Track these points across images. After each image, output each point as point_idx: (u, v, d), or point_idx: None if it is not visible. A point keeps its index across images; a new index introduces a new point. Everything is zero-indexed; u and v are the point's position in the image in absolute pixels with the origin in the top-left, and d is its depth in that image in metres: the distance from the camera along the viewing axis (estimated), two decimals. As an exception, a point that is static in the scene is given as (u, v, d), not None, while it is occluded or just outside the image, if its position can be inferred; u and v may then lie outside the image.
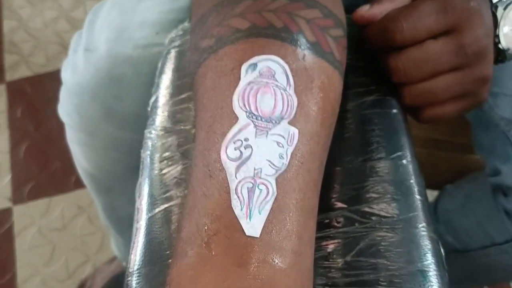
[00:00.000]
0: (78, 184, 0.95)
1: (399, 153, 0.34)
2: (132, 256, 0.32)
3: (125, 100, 0.46)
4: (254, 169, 0.27)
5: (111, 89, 0.46)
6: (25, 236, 0.96)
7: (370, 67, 0.39)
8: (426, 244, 0.30)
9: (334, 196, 0.33)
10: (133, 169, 0.39)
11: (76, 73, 0.47)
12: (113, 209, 0.61)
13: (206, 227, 0.25)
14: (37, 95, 1.08)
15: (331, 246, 0.31)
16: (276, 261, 0.25)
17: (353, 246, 0.30)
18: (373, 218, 0.31)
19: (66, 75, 0.49)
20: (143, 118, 0.40)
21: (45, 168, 1.02)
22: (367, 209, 0.32)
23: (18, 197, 0.99)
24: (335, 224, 0.32)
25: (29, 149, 1.04)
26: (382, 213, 0.31)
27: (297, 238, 0.26)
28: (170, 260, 0.30)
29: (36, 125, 1.06)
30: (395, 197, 0.32)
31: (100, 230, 0.94)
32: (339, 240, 0.31)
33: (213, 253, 0.25)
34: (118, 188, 0.55)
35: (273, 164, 0.27)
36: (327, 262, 0.30)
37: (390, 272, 0.29)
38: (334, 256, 0.30)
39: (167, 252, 0.31)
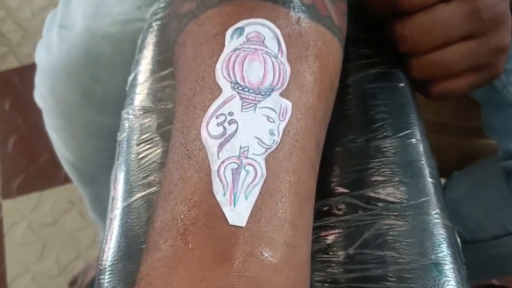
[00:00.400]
0: (69, 178, 0.91)
1: (407, 131, 0.31)
2: (105, 251, 0.28)
3: (104, 81, 0.42)
4: (240, 148, 0.23)
5: (89, 69, 0.42)
6: (15, 232, 0.94)
7: (373, 37, 0.36)
8: (441, 233, 0.26)
9: (334, 180, 0.29)
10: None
11: (50, 52, 0.43)
12: (100, 201, 0.57)
13: (182, 216, 0.22)
14: (25, 86, 1.05)
15: (331, 237, 0.27)
16: (266, 254, 0.21)
17: (356, 236, 0.27)
18: (379, 204, 0.28)
19: (40, 56, 0.45)
20: (124, 101, 0.37)
21: (35, 161, 0.99)
22: (371, 194, 0.28)
23: (7, 191, 0.96)
24: (336, 211, 0.28)
25: (17, 143, 1.01)
26: (390, 198, 0.28)
27: (290, 227, 0.22)
28: (146, 255, 0.26)
29: (24, 118, 1.03)
30: (404, 180, 0.28)
31: (92, 225, 0.91)
32: (340, 230, 0.27)
33: (190, 246, 0.21)
34: (103, 178, 0.51)
35: (262, 142, 0.24)
36: (326, 256, 0.26)
37: (400, 266, 0.26)
38: (335, 248, 0.26)
39: (144, 246, 0.27)
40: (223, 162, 0.23)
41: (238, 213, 0.22)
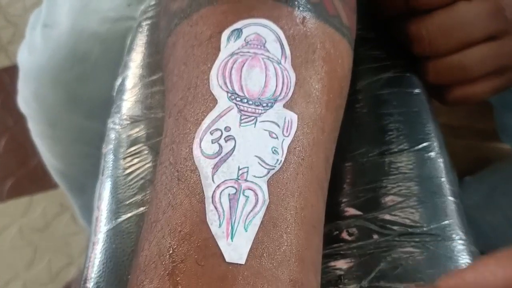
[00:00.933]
0: (61, 181, 0.89)
1: (425, 144, 0.28)
2: (87, 280, 0.25)
3: (91, 84, 0.39)
4: (238, 169, 0.21)
5: (74, 70, 0.39)
6: (5, 237, 0.91)
7: (384, 38, 0.33)
8: (466, 261, 0.23)
9: (344, 200, 0.26)
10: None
11: (33, 53, 0.40)
12: (89, 210, 0.54)
13: (170, 251, 0.19)
14: (16, 86, 1.01)
15: (342, 266, 0.24)
16: (268, 296, 0.18)
17: (371, 266, 0.24)
18: (396, 228, 0.25)
19: (22, 57, 0.42)
20: (112, 105, 0.34)
21: (26, 164, 0.96)
22: (387, 217, 0.25)
23: (-3, 195, 0.93)
24: (347, 237, 0.25)
25: (8, 144, 0.98)
26: (407, 222, 0.25)
27: (297, 262, 0.20)
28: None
29: (15, 118, 1.00)
30: (423, 199, 0.25)
31: (85, 230, 0.88)
32: (353, 259, 0.24)
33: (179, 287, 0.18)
34: (92, 185, 0.48)
35: (264, 162, 0.21)
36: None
37: (420, 300, 0.22)
38: (346, 280, 0.23)
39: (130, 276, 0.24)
40: (218, 186, 0.20)
41: (236, 248, 0.19)
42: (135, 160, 0.29)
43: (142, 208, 0.27)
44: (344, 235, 0.25)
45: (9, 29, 1.14)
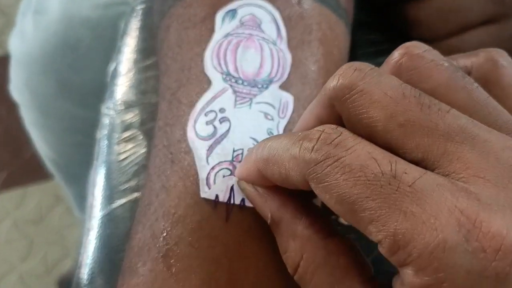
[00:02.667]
0: (55, 172, 0.88)
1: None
2: (81, 266, 0.25)
3: (83, 71, 0.38)
4: (233, 151, 0.20)
5: (66, 58, 0.38)
6: (0, 229, 0.90)
7: (382, 21, 0.32)
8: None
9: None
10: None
11: (24, 41, 0.40)
12: (85, 199, 0.54)
13: (164, 233, 0.18)
14: (9, 77, 1.00)
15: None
16: (265, 278, 0.18)
17: (366, 251, 0.23)
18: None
19: (13, 45, 0.41)
20: (105, 93, 0.33)
21: (19, 155, 0.95)
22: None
23: (-10, 187, 0.93)
24: (344, 221, 0.24)
25: (1, 136, 0.97)
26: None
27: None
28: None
29: (9, 109, 0.98)
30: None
31: (80, 222, 0.87)
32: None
33: (173, 270, 0.18)
34: (86, 175, 0.48)
35: None
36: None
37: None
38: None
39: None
40: (213, 168, 0.20)
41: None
42: (129, 146, 0.28)
43: (136, 194, 0.27)
44: (341, 218, 0.24)
45: (1, 19, 1.12)
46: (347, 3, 0.27)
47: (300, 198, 0.18)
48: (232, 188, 0.19)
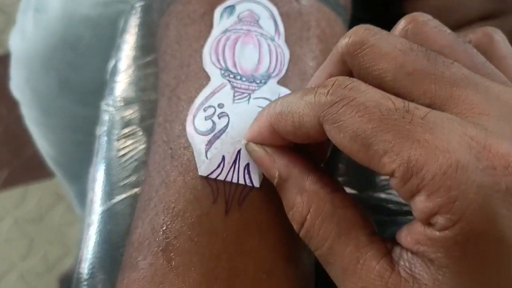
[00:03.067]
0: (56, 171, 0.88)
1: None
2: (82, 261, 0.25)
3: (83, 69, 0.38)
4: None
5: (66, 56, 0.38)
6: (0, 228, 0.91)
7: (380, 19, 0.32)
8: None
9: (339, 179, 0.26)
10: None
11: (24, 39, 0.40)
12: (85, 197, 0.54)
13: (164, 227, 0.18)
14: (9, 75, 1.00)
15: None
16: (264, 273, 0.18)
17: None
18: (391, 206, 0.24)
19: (14, 43, 0.41)
20: (104, 91, 0.33)
21: (20, 154, 0.95)
22: (382, 196, 0.25)
23: (-9, 186, 0.93)
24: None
25: (2, 134, 0.97)
26: (402, 200, 0.24)
27: (292, 238, 0.19)
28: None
29: (9, 108, 0.99)
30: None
31: (81, 220, 0.87)
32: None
33: (173, 264, 0.18)
34: (87, 173, 0.48)
35: None
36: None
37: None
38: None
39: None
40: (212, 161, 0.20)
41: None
42: (129, 142, 0.28)
43: (136, 189, 0.27)
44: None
45: (1, 17, 1.12)
46: (345, 1, 0.27)
47: (307, 158, 0.18)
48: (239, 152, 0.19)
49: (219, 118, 0.21)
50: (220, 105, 0.21)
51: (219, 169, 0.19)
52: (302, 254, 0.20)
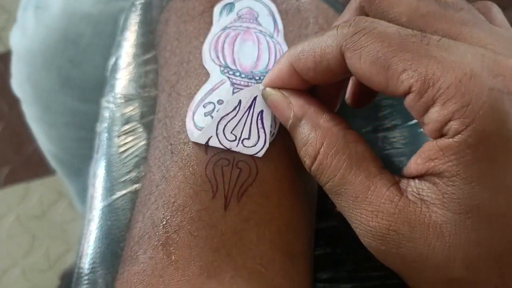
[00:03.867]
0: (57, 168, 0.88)
1: (418, 120, 0.27)
2: (82, 257, 0.25)
3: (83, 66, 0.38)
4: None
5: (67, 53, 0.38)
6: (2, 225, 0.91)
7: None
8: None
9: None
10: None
11: (25, 36, 0.40)
12: (86, 194, 0.54)
13: (164, 222, 0.19)
14: (10, 73, 1.00)
15: (335, 241, 0.24)
16: (262, 267, 0.18)
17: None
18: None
19: (15, 40, 0.42)
20: (105, 87, 0.33)
21: (22, 151, 0.95)
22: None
23: (-7, 183, 0.93)
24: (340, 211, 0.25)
25: (4, 131, 0.98)
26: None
27: (290, 234, 0.19)
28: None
29: (11, 105, 0.99)
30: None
31: (82, 216, 0.87)
32: (345, 234, 0.24)
33: (173, 257, 0.18)
34: (88, 169, 0.48)
35: None
36: (331, 263, 0.23)
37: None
38: (340, 252, 0.23)
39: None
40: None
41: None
42: (129, 138, 0.29)
43: (136, 185, 0.27)
44: (336, 210, 0.25)
45: (2, 15, 1.12)
46: (344, -3, 0.27)
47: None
48: (255, 98, 0.20)
49: (219, 114, 0.21)
50: (220, 102, 0.21)
51: (235, 112, 0.20)
52: (300, 248, 0.20)
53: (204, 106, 0.21)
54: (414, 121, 0.28)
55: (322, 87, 0.21)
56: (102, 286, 0.24)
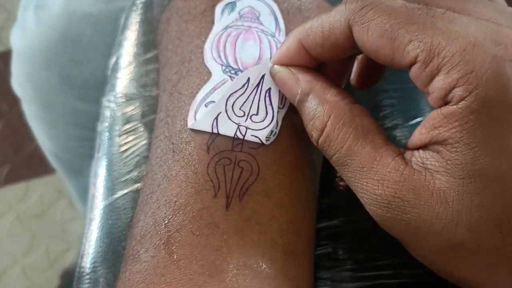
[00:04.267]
0: (57, 167, 0.88)
1: (418, 119, 0.28)
2: (83, 256, 0.25)
3: (84, 65, 0.38)
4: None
5: (68, 52, 0.38)
6: (3, 223, 0.91)
7: None
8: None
9: (338, 174, 0.26)
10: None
11: (25, 35, 0.40)
12: (86, 193, 0.54)
13: (166, 221, 0.19)
14: (10, 72, 1.00)
15: (336, 239, 0.24)
16: (263, 266, 0.18)
17: (365, 239, 0.24)
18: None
19: (15, 39, 0.41)
20: (106, 87, 0.33)
21: (22, 150, 0.95)
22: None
23: (-7, 182, 0.93)
24: (341, 210, 0.25)
25: (3, 130, 0.98)
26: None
27: (291, 233, 0.19)
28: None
29: (11, 104, 0.99)
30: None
31: (82, 215, 0.87)
32: (347, 232, 0.24)
33: (175, 256, 0.18)
34: (88, 169, 0.48)
35: None
36: (331, 262, 0.23)
37: (413, 270, 0.23)
38: (341, 252, 0.23)
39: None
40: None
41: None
42: (130, 138, 0.29)
43: (137, 185, 0.27)
44: (338, 208, 0.25)
45: (2, 14, 1.12)
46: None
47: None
48: (263, 76, 0.21)
49: (220, 113, 0.21)
50: (221, 101, 0.21)
51: (243, 89, 0.21)
52: (301, 247, 0.20)
53: (205, 105, 0.21)
54: (415, 120, 0.28)
55: (329, 66, 0.21)
56: (104, 285, 0.24)
